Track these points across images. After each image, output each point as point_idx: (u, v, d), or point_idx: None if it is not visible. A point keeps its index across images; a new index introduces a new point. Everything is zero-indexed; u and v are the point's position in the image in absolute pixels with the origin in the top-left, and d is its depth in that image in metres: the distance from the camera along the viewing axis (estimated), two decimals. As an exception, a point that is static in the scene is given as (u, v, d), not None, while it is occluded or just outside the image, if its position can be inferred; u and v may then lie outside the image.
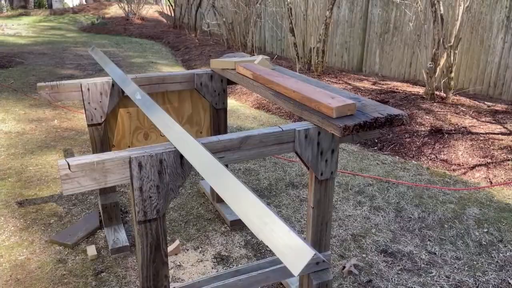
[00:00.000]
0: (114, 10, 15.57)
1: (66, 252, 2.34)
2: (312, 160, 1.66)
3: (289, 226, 1.01)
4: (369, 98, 4.90)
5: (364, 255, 2.36)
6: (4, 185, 3.01)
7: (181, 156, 1.42)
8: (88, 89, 2.24)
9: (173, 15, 12.63)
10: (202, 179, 3.23)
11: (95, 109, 2.29)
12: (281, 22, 6.98)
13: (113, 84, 2.29)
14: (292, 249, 0.99)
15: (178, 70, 7.59)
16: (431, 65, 4.37)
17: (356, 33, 6.62)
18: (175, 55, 9.37)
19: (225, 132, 2.69)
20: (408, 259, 2.33)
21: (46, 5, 18.71)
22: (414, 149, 3.75)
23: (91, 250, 2.33)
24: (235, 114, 4.86)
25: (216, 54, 8.48)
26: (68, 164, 1.27)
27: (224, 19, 8.20)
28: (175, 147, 1.40)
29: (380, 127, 1.58)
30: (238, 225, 2.61)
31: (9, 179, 3.10)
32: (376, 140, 3.99)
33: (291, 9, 6.05)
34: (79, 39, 10.91)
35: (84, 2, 19.95)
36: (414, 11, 5.41)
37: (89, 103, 2.27)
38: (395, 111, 1.64)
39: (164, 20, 13.62)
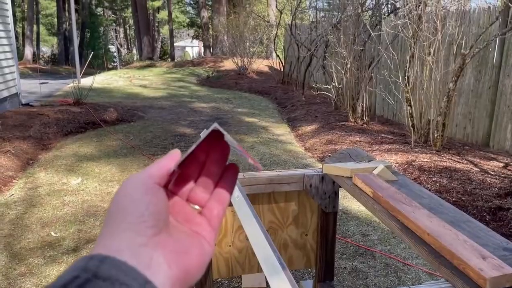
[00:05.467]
0: (228, 64, 16.53)
1: None
2: (451, 333, 1.30)
3: None
4: (500, 186, 4.22)
5: None
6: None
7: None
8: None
9: (282, 70, 12.94)
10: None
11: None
12: (393, 88, 6.60)
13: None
14: None
15: (284, 130, 7.55)
16: None
17: (482, 104, 5.94)
18: (281, 112, 9.46)
19: (334, 238, 2.41)
20: None
21: (169, 58, 20.68)
22: None
23: None
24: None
25: (323, 115, 8.32)
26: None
27: (333, 82, 8.07)
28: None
29: (554, 311, 1.18)
30: None
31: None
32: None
33: (408, 77, 5.67)
34: (196, 93, 11.66)
35: (203, 55, 21.64)
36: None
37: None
38: None
39: (273, 75, 14.01)
